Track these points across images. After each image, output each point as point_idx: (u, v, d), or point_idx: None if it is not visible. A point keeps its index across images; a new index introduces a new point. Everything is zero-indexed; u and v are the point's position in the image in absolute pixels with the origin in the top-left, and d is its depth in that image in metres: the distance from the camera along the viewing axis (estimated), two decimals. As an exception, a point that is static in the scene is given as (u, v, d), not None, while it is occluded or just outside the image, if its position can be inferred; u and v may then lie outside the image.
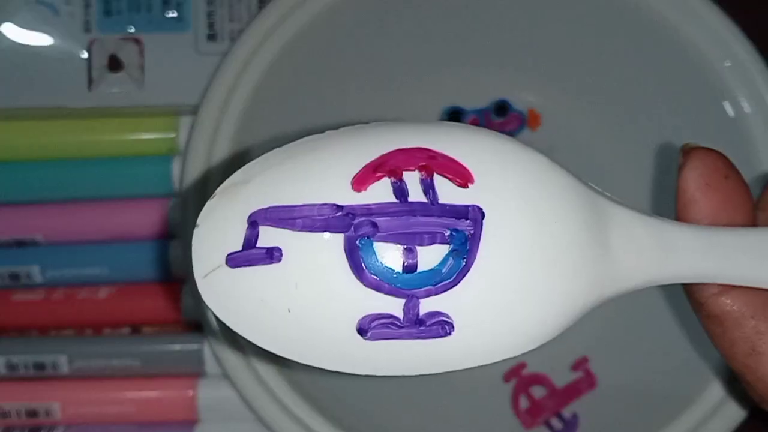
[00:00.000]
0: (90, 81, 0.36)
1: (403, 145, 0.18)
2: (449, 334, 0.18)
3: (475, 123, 0.35)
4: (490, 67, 0.36)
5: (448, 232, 0.18)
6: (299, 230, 0.17)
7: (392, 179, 0.18)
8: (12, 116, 0.36)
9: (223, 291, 0.18)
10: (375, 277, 0.17)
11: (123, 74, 0.36)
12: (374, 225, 0.17)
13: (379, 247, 0.17)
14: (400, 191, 0.17)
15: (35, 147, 0.36)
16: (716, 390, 0.33)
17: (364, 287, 0.17)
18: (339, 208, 0.17)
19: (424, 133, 0.18)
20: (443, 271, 0.18)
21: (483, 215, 0.18)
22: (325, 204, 0.17)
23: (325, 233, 0.17)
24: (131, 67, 0.36)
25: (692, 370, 0.33)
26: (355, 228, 0.17)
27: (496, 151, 0.18)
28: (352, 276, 0.17)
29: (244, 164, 0.19)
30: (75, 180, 0.36)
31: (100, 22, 0.36)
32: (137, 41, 0.36)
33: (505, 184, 0.18)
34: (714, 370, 0.33)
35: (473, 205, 0.18)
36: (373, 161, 0.18)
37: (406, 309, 0.18)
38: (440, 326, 0.18)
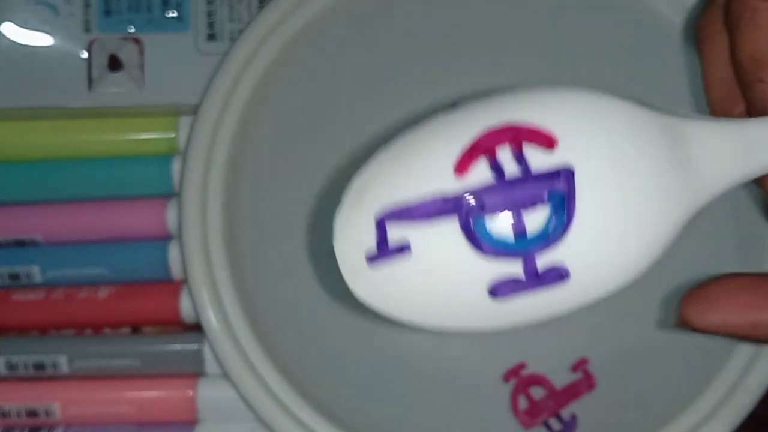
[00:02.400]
0: (90, 81, 0.36)
1: (491, 121, 0.20)
2: (565, 278, 0.20)
3: None
4: (494, 60, 0.36)
5: (546, 195, 0.20)
6: (420, 223, 0.20)
7: (488, 159, 0.20)
8: (12, 116, 0.36)
9: (372, 288, 0.20)
10: (492, 247, 0.20)
11: (123, 74, 0.36)
12: (481, 203, 0.20)
13: (489, 220, 0.20)
14: (497, 168, 0.20)
15: (35, 147, 0.36)
16: (715, 392, 0.33)
17: (485, 258, 0.20)
18: (449, 195, 0.20)
19: (508, 106, 0.20)
20: (549, 229, 0.20)
21: (572, 173, 0.20)
22: (437, 195, 0.20)
23: (442, 220, 0.20)
24: (131, 67, 0.36)
25: (691, 372, 0.33)
26: (466, 210, 0.20)
27: (575, 107, 0.20)
28: (473, 251, 0.20)
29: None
30: (75, 180, 0.36)
31: (100, 21, 0.36)
32: (137, 41, 0.36)
33: (588, 137, 0.20)
34: (712, 373, 0.33)
35: (562, 167, 0.20)
36: (467, 147, 0.20)
37: (525, 267, 0.20)
38: (557, 274, 0.20)
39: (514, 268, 0.20)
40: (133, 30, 0.36)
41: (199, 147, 0.34)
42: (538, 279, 0.20)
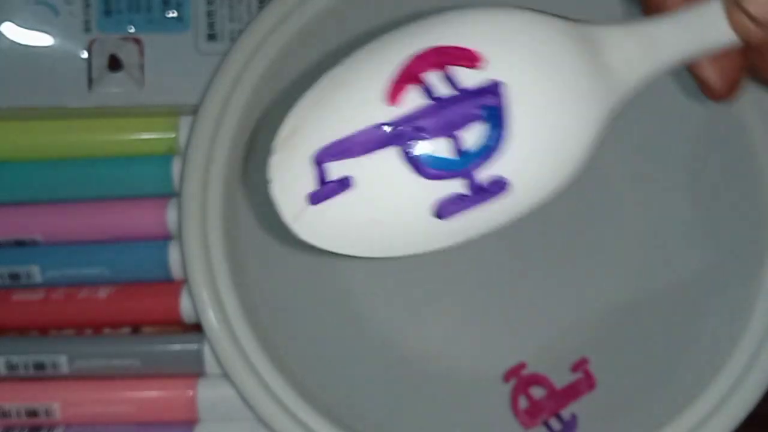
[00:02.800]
0: (90, 81, 0.36)
1: (416, 47, 0.20)
2: (506, 188, 0.21)
3: None
4: None
5: (480, 111, 0.20)
6: (359, 156, 0.20)
7: (418, 84, 0.20)
8: (12, 116, 0.36)
9: (314, 225, 0.21)
10: (434, 169, 0.20)
11: (123, 74, 0.36)
12: (418, 128, 0.20)
13: (428, 143, 0.20)
14: (428, 92, 0.20)
15: (35, 147, 0.36)
16: (715, 392, 0.33)
17: (429, 180, 0.20)
18: (384, 126, 0.20)
19: (431, 30, 0.21)
20: (486, 144, 0.20)
21: (502, 87, 0.20)
22: (372, 126, 0.20)
23: (381, 150, 0.20)
24: (131, 67, 0.36)
25: (691, 372, 0.33)
26: (403, 137, 0.20)
27: (495, 25, 0.21)
28: (417, 175, 0.20)
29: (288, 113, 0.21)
30: (75, 180, 0.36)
31: (100, 21, 0.36)
32: (137, 41, 0.36)
33: (511, 51, 0.21)
34: (712, 373, 0.33)
35: (492, 82, 0.20)
36: (396, 74, 0.20)
37: (467, 183, 0.21)
38: (498, 185, 0.21)
39: (456, 186, 0.20)
40: (133, 30, 0.36)
41: (199, 147, 0.34)
42: (482, 193, 0.21)
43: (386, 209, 0.21)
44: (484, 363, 0.35)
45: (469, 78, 0.20)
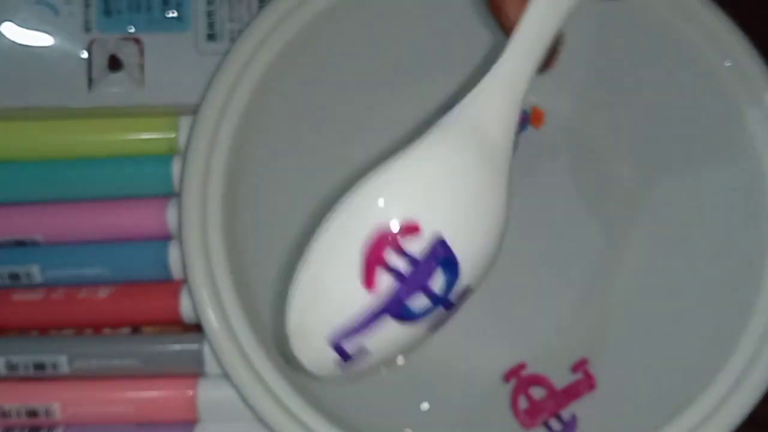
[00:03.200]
0: (90, 81, 0.36)
1: (365, 231, 0.24)
2: (469, 289, 0.25)
3: None
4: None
5: (435, 265, 0.24)
6: (364, 332, 0.24)
7: (384, 268, 0.24)
8: (12, 116, 0.36)
9: (341, 378, 0.26)
10: (420, 315, 0.25)
11: (123, 74, 0.36)
12: (398, 299, 0.24)
13: (409, 303, 0.24)
14: (394, 272, 0.24)
15: (35, 147, 0.37)
16: (715, 392, 0.33)
17: (418, 323, 0.25)
18: (375, 309, 0.24)
19: (368, 210, 0.24)
20: (449, 279, 0.24)
21: (442, 239, 0.24)
22: (364, 309, 0.24)
23: (378, 321, 0.24)
24: (131, 67, 0.36)
25: (691, 373, 0.33)
26: (391, 308, 0.24)
27: (409, 183, 0.24)
28: (409, 324, 0.25)
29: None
30: (75, 180, 0.36)
31: (100, 21, 0.36)
32: (137, 41, 0.36)
33: (434, 205, 0.24)
34: (712, 374, 0.33)
35: (434, 240, 0.24)
36: (363, 269, 0.24)
37: (444, 305, 0.25)
38: (464, 294, 0.25)
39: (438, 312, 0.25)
40: (133, 30, 0.36)
41: (199, 147, 0.34)
42: (453, 306, 0.25)
43: (394, 351, 0.25)
44: (485, 363, 0.35)
45: (415, 244, 0.24)
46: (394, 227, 0.24)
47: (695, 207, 0.35)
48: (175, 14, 0.36)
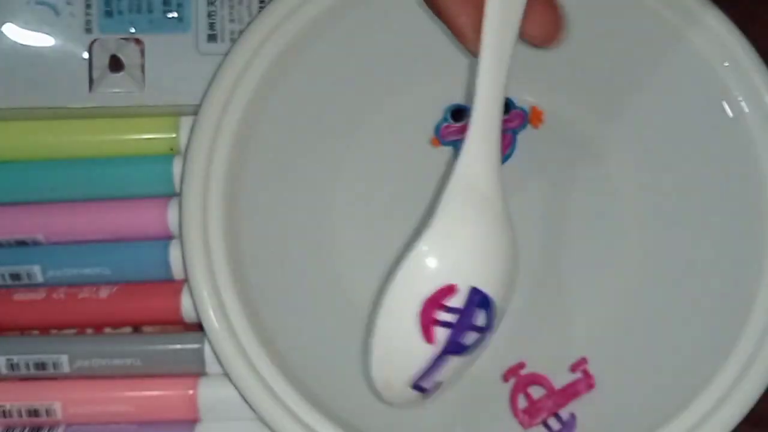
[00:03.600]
0: (91, 81, 0.36)
1: (416, 302, 0.29)
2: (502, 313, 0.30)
3: None
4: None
5: (476, 311, 0.29)
6: (436, 374, 0.30)
7: (435, 324, 0.29)
8: (13, 116, 0.36)
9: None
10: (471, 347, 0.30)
11: (124, 74, 0.36)
12: (456, 343, 0.29)
13: (464, 342, 0.29)
14: (447, 324, 0.29)
15: (36, 147, 0.37)
16: (714, 391, 0.33)
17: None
18: (441, 352, 0.29)
19: (415, 286, 0.29)
20: (489, 315, 0.30)
21: (477, 289, 0.29)
22: (431, 360, 0.29)
23: (444, 362, 0.30)
24: (132, 68, 0.36)
25: (690, 373, 0.33)
26: (456, 348, 0.29)
27: (447, 253, 0.29)
28: (468, 354, 0.30)
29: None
30: (76, 180, 0.36)
31: (101, 22, 0.36)
32: (138, 42, 0.36)
33: (461, 265, 0.29)
34: (711, 373, 0.33)
35: (469, 291, 0.29)
36: (421, 330, 0.29)
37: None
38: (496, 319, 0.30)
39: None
40: (133, 31, 0.36)
41: (199, 147, 0.34)
42: (493, 328, 0.30)
43: (460, 372, 0.31)
44: (484, 362, 0.35)
45: (455, 299, 0.29)
46: (437, 294, 0.29)
47: (694, 207, 0.35)
48: (176, 15, 0.36)
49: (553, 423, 0.34)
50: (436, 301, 0.29)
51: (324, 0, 0.35)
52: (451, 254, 0.29)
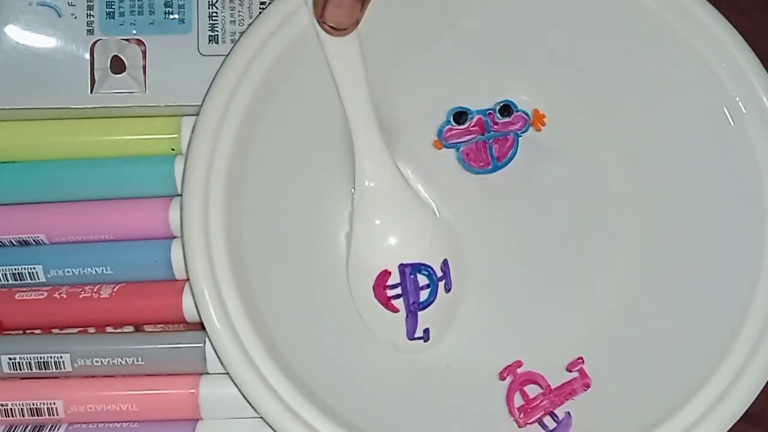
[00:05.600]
0: (92, 82, 0.36)
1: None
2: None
3: (480, 123, 0.36)
4: (496, 67, 0.36)
5: (419, 274, 0.36)
6: (419, 322, 0.36)
7: (392, 299, 0.36)
8: (16, 117, 0.36)
9: None
10: (434, 299, 0.36)
11: (125, 75, 0.36)
12: (415, 302, 0.36)
13: (420, 298, 0.36)
14: (398, 296, 0.35)
15: (38, 147, 0.37)
16: (711, 391, 0.33)
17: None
18: (410, 313, 0.36)
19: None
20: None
21: (404, 264, 0.36)
22: (408, 319, 0.36)
23: (418, 315, 0.36)
24: (133, 69, 0.36)
25: (686, 373, 0.34)
26: (418, 306, 0.36)
27: (376, 245, 0.36)
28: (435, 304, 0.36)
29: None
30: (78, 180, 0.36)
31: (103, 23, 0.36)
32: (140, 43, 0.36)
33: (389, 246, 0.36)
34: (708, 373, 0.33)
35: (402, 268, 0.35)
36: (384, 307, 0.36)
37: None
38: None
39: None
40: (135, 32, 0.36)
41: (200, 147, 0.34)
42: (443, 277, 0.36)
43: (444, 315, 0.36)
44: (481, 360, 0.35)
45: (393, 278, 0.35)
46: (377, 281, 0.35)
47: (692, 208, 0.36)
48: (177, 16, 0.36)
49: (549, 421, 0.34)
50: (379, 285, 0.35)
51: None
52: (375, 248, 0.35)
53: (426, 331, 0.35)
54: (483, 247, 0.36)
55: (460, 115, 0.36)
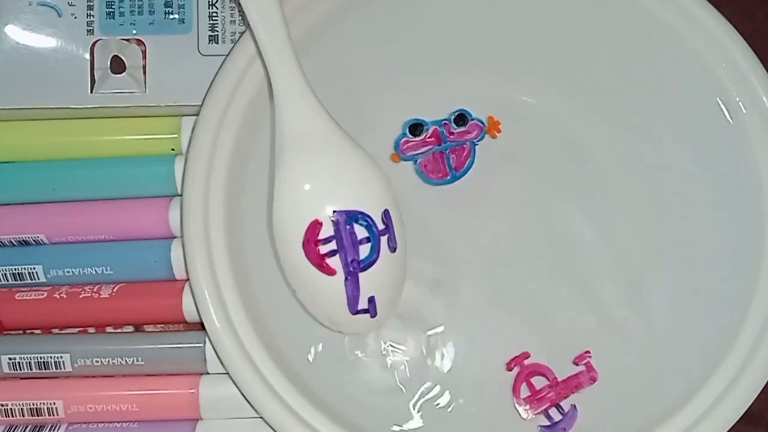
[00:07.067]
0: (92, 82, 0.36)
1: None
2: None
3: (436, 134, 0.36)
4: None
5: (355, 225, 0.32)
6: (361, 290, 0.32)
7: (325, 257, 0.32)
8: (15, 117, 0.36)
9: None
10: (376, 255, 0.32)
11: (125, 75, 0.36)
12: (353, 261, 0.32)
13: (359, 255, 0.32)
14: (332, 252, 0.32)
15: (38, 147, 0.37)
16: (711, 391, 0.33)
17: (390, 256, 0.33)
18: (349, 275, 0.32)
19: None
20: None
21: (336, 212, 0.31)
22: (346, 282, 0.32)
23: (360, 277, 0.32)
24: (133, 69, 0.36)
25: (686, 373, 0.34)
26: (357, 266, 0.32)
27: (303, 194, 0.32)
28: (377, 264, 0.32)
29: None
30: (78, 180, 0.36)
31: (103, 23, 0.36)
32: (140, 43, 0.36)
33: (319, 193, 0.32)
34: (708, 373, 0.33)
35: (336, 219, 0.31)
36: (317, 268, 0.32)
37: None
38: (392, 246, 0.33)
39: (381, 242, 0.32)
40: (135, 32, 0.36)
41: (200, 147, 0.34)
42: (385, 231, 0.32)
43: (391, 285, 0.33)
44: (488, 351, 0.35)
45: (326, 229, 0.31)
46: (307, 234, 0.31)
47: (692, 207, 0.36)
48: (177, 16, 0.36)
49: (554, 413, 0.34)
50: (310, 240, 0.31)
51: (324, 3, 0.35)
52: (301, 197, 0.31)
53: (371, 300, 0.32)
54: (491, 237, 0.36)
55: (416, 127, 0.36)
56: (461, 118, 0.36)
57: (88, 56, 0.36)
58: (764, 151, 0.35)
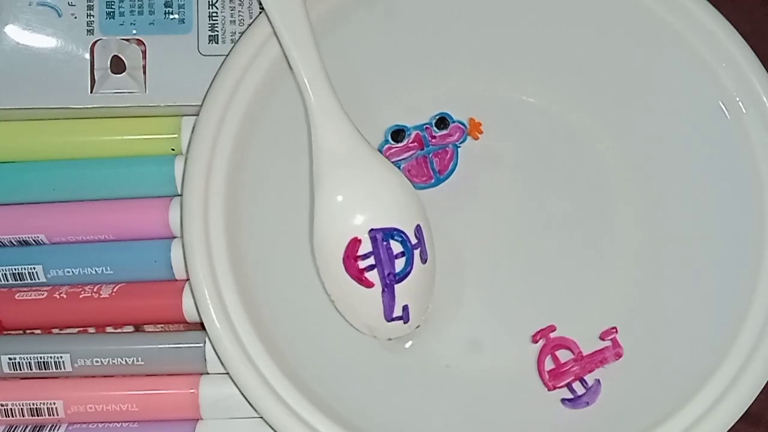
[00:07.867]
0: (92, 82, 0.36)
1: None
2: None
3: (418, 139, 0.36)
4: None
5: (392, 240, 0.34)
6: (396, 300, 0.34)
7: (364, 271, 0.34)
8: (15, 117, 0.36)
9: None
10: (411, 268, 0.34)
11: (125, 75, 0.36)
12: (390, 274, 0.34)
13: (395, 268, 0.34)
14: (370, 267, 0.34)
15: (38, 147, 0.37)
16: (710, 392, 0.33)
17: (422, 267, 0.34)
18: (385, 287, 0.34)
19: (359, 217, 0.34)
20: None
21: (374, 230, 0.33)
22: (383, 294, 0.34)
23: (395, 288, 0.34)
24: (133, 69, 0.36)
25: (685, 373, 0.34)
26: (394, 279, 0.34)
27: (344, 216, 0.34)
28: (412, 276, 0.34)
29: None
30: (78, 180, 0.36)
31: (103, 23, 0.36)
32: (140, 43, 0.36)
33: (355, 213, 0.33)
34: (708, 373, 0.33)
35: (373, 235, 0.33)
36: (357, 282, 0.34)
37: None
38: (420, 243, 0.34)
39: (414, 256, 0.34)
40: (135, 32, 0.36)
41: (200, 147, 0.34)
42: (418, 245, 0.34)
43: (421, 292, 0.35)
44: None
45: (364, 246, 0.33)
46: (347, 251, 0.33)
47: (692, 207, 0.36)
48: (177, 16, 0.36)
49: (578, 387, 0.34)
50: (350, 257, 0.33)
51: (324, 3, 0.35)
52: (341, 217, 0.33)
53: (405, 309, 0.34)
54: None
55: (398, 133, 0.36)
56: (442, 121, 0.36)
57: (88, 56, 0.36)
58: (764, 151, 0.34)
